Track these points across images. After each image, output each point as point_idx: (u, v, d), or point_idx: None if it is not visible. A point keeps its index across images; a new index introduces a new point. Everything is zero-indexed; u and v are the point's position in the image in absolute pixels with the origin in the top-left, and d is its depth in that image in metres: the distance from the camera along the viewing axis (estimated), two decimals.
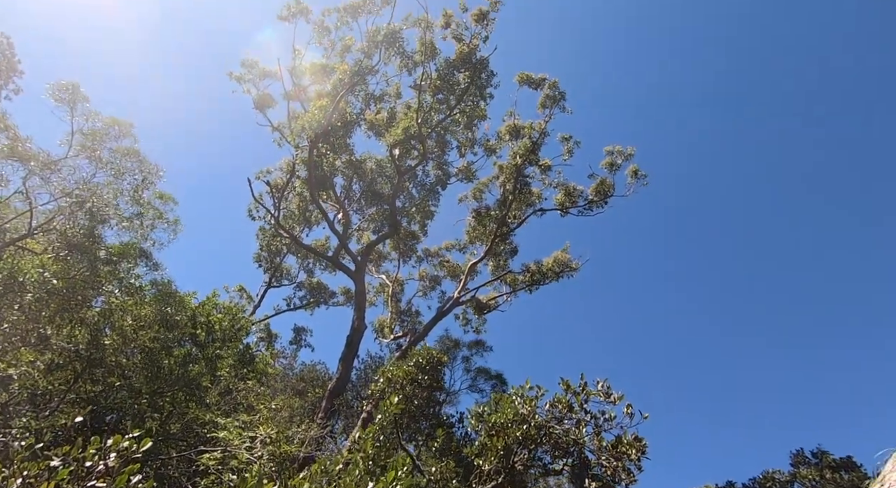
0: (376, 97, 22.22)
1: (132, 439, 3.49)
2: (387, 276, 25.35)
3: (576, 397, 6.95)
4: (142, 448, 3.37)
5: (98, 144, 12.55)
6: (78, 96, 12.45)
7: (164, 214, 13.81)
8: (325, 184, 21.31)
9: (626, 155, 21.10)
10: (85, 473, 2.99)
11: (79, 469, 3.00)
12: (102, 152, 12.60)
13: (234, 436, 9.10)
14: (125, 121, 12.77)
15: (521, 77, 20.99)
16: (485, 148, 23.28)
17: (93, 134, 12.50)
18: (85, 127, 12.82)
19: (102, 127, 12.66)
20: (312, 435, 12.69)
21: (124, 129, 12.80)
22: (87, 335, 11.11)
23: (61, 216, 12.77)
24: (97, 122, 12.98)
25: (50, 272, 11.11)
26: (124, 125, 12.77)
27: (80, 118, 12.76)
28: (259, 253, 24.96)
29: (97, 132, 12.59)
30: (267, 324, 25.39)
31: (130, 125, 12.82)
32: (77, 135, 12.37)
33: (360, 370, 25.71)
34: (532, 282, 23.03)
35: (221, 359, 13.29)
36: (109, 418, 10.75)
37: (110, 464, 3.10)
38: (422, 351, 10.61)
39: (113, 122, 12.71)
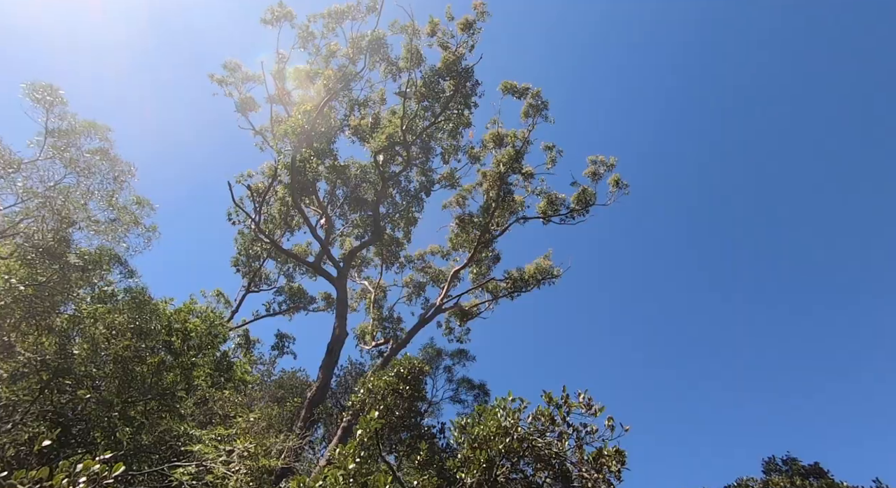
0: (360, 102, 22.13)
1: (104, 463, 3.34)
2: (369, 282, 25.13)
3: (558, 410, 6.96)
4: (114, 473, 3.22)
5: (70, 145, 12.13)
6: (56, 98, 12.04)
7: (141, 220, 13.40)
8: (308, 189, 21.07)
9: (609, 165, 21.43)
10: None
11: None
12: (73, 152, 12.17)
13: (210, 450, 8.84)
14: (102, 124, 12.39)
15: (505, 86, 21.18)
16: (469, 155, 23.38)
17: (65, 134, 12.07)
18: (59, 127, 12.39)
19: (78, 129, 12.25)
20: (291, 446, 12.43)
21: (100, 133, 12.40)
22: (55, 343, 10.68)
23: (28, 219, 12.29)
24: (73, 125, 12.55)
25: (16, 278, 10.67)
26: (100, 129, 12.38)
27: (55, 120, 12.32)
28: (237, 257, 24.45)
29: (69, 132, 12.17)
30: (245, 329, 24.86)
31: (107, 129, 12.45)
32: (49, 136, 11.94)
33: (341, 377, 25.39)
34: (514, 289, 23.12)
35: (197, 368, 12.94)
36: (77, 430, 10.34)
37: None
38: (403, 360, 10.50)
39: (89, 126, 12.31)
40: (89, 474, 3.17)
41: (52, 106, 11.77)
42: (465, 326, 23.80)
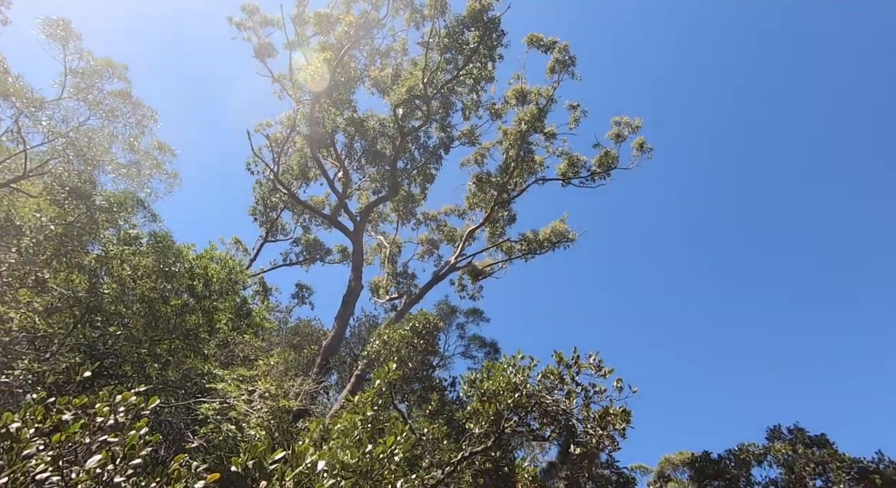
0: (382, 52, 21.42)
1: (140, 395, 3.55)
2: (384, 238, 25.34)
3: (568, 370, 7.13)
4: (150, 405, 3.43)
5: (91, 85, 12.07)
6: (70, 33, 11.86)
7: (163, 165, 13.52)
8: (326, 142, 20.88)
9: (634, 127, 20.71)
10: (96, 427, 3.06)
11: (90, 423, 3.06)
12: (95, 94, 12.15)
13: (233, 389, 9.34)
14: (119, 63, 12.24)
15: (531, 38, 20.23)
16: (490, 111, 22.73)
17: (85, 74, 11.99)
18: (77, 66, 12.30)
19: (96, 67, 12.15)
20: (307, 390, 13.06)
21: (118, 72, 12.29)
22: (85, 281, 11.13)
23: (55, 159, 12.49)
24: (90, 62, 12.44)
25: (47, 216, 10.99)
26: (118, 67, 12.25)
27: (72, 57, 12.22)
28: (255, 206, 24.70)
29: (90, 72, 12.08)
30: (262, 277, 25.54)
31: (124, 67, 12.30)
32: (69, 75, 11.88)
33: (355, 328, 26.17)
34: (528, 250, 23.13)
35: (219, 312, 13.43)
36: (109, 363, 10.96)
37: (120, 420, 3.17)
38: (419, 315, 10.76)
39: (107, 64, 12.18)
40: (127, 405, 3.38)
41: (66, 42, 11.62)
42: (477, 284, 24.09)
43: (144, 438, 3.38)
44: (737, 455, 15.69)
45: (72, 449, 3.07)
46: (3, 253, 10.34)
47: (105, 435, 3.02)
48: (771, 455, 15.07)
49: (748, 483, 15.41)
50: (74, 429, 2.90)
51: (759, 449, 15.28)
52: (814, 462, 13.97)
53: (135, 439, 2.94)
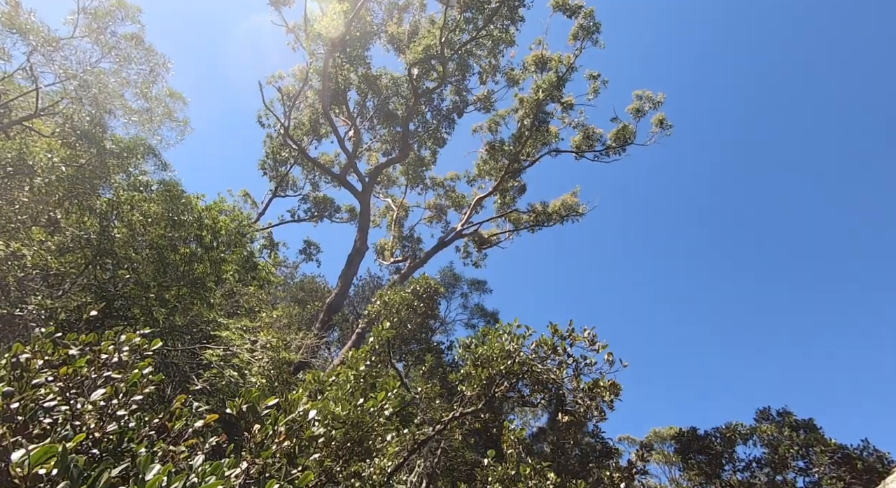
0: (400, 6, 20.69)
1: (144, 337, 3.70)
2: (392, 200, 25.31)
3: (562, 341, 7.27)
4: (153, 347, 3.58)
5: (104, 26, 11.86)
6: None
7: (174, 113, 13.42)
8: (339, 98, 20.52)
9: (656, 102, 20.12)
10: (101, 363, 3.21)
11: (95, 359, 3.21)
12: (108, 36, 11.95)
13: (237, 338, 9.67)
14: (132, 5, 11.95)
15: (556, 2, 19.37)
16: (507, 77, 22.12)
17: (98, 14, 11.76)
18: (90, 6, 12.04)
19: (109, 8, 11.89)
20: (309, 344, 13.45)
21: (131, 14, 12.03)
22: (96, 224, 11.34)
23: (67, 100, 12.44)
24: (103, 2, 12.17)
25: (58, 157, 11.08)
26: (131, 9, 11.99)
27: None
28: (265, 160, 24.64)
29: (102, 13, 11.84)
30: (270, 232, 25.80)
31: (138, 10, 12.03)
32: (82, 14, 11.66)
33: (359, 287, 26.60)
34: (536, 222, 23.07)
35: (226, 263, 13.69)
36: (118, 305, 11.33)
37: (124, 359, 3.32)
38: (420, 279, 10.90)
39: (120, 4, 11.92)
40: (131, 345, 3.53)
41: None
42: (482, 253, 24.20)
43: (148, 377, 3.56)
44: (724, 433, 16.11)
45: (78, 383, 3.24)
46: (16, 191, 10.51)
47: (109, 372, 3.18)
48: (757, 435, 15.47)
49: (731, 459, 15.91)
50: (80, 364, 3.05)
51: (746, 429, 15.67)
52: (798, 444, 14.35)
53: (137, 376, 3.10)
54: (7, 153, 9.95)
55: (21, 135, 11.76)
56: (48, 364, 3.27)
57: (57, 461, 1.88)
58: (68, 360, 3.14)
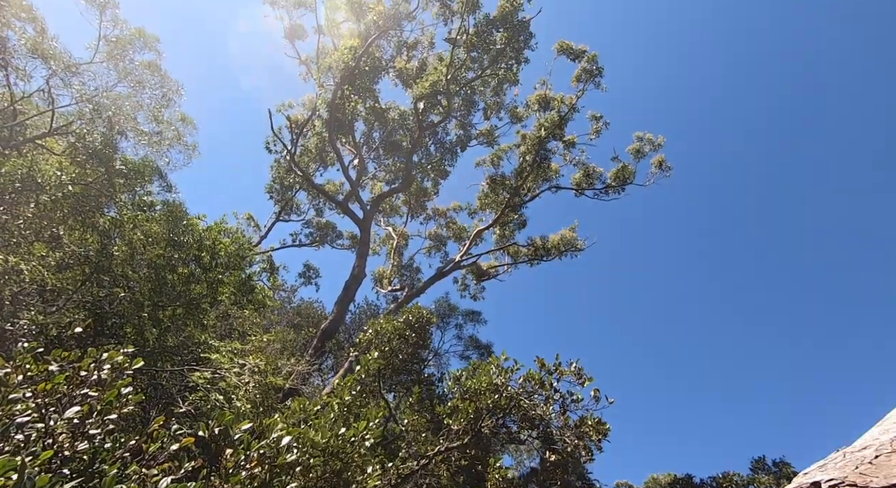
0: (409, 44, 21.52)
1: (126, 355, 3.74)
2: (393, 229, 25.54)
3: (548, 375, 7.22)
4: (134, 366, 3.61)
5: (122, 54, 12.41)
6: (109, 1, 12.21)
7: (183, 136, 13.83)
8: (345, 128, 21.08)
9: (656, 144, 20.57)
10: (80, 381, 3.25)
11: (74, 376, 3.25)
12: (126, 63, 12.48)
13: (226, 360, 9.61)
14: (151, 34, 12.56)
15: (561, 46, 20.14)
16: (511, 114, 22.75)
17: (118, 42, 12.33)
18: (111, 34, 12.64)
19: (129, 37, 12.48)
20: (300, 370, 13.31)
21: (149, 43, 12.62)
22: (97, 241, 11.49)
23: (81, 120, 12.85)
24: (124, 31, 12.78)
25: (67, 175, 11.35)
26: (150, 38, 12.58)
27: (107, 24, 12.57)
28: (271, 184, 25.05)
29: (122, 41, 12.41)
30: (270, 255, 25.95)
31: (156, 39, 12.62)
32: (103, 41, 12.22)
33: (356, 315, 26.49)
34: (535, 256, 23.15)
35: (223, 285, 13.75)
36: (111, 323, 11.33)
37: (103, 377, 3.36)
38: (413, 308, 10.90)
39: (139, 34, 12.51)
40: (112, 363, 3.57)
41: (104, 8, 11.97)
42: (480, 285, 24.18)
43: (127, 397, 3.58)
44: (720, 482, 15.61)
45: (56, 400, 3.26)
46: (22, 206, 10.72)
47: (87, 390, 3.21)
48: (754, 486, 14.97)
49: None
50: (58, 380, 3.09)
51: (742, 480, 15.19)
52: None
53: (112, 395, 3.13)
54: (17, 170, 10.22)
55: (33, 153, 12.09)
56: (28, 379, 3.31)
57: (17, 477, 1.91)
58: (48, 376, 3.18)
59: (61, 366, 3.29)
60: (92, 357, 3.40)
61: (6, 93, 11.61)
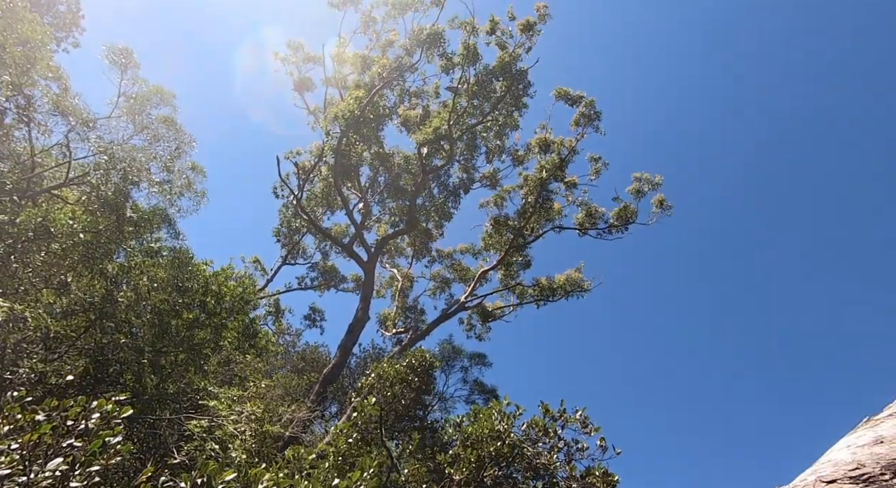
0: (412, 93, 22.47)
1: (116, 403, 3.73)
2: (398, 271, 25.63)
3: (553, 422, 7.01)
4: (123, 414, 3.60)
5: (140, 109, 13.10)
6: (130, 61, 13.05)
7: (194, 184, 14.32)
8: (351, 173, 21.68)
9: (654, 183, 20.83)
10: (66, 431, 3.24)
11: (61, 425, 3.24)
12: (143, 117, 13.16)
13: (224, 408, 9.45)
14: (168, 91, 13.34)
15: (559, 92, 20.90)
16: (513, 157, 23.30)
17: (137, 99, 13.06)
18: (131, 91, 13.41)
19: (147, 93, 13.23)
20: (300, 417, 13.02)
21: (166, 98, 13.35)
22: (104, 288, 11.65)
23: (97, 172, 13.37)
24: (143, 88, 13.55)
25: (79, 223, 11.69)
26: (167, 95, 13.33)
27: (127, 82, 13.36)
28: (279, 228, 25.48)
29: (140, 97, 13.15)
30: (277, 299, 26.00)
31: (172, 95, 13.38)
32: (122, 98, 12.95)
33: (360, 358, 26.11)
34: (541, 296, 22.98)
35: (226, 330, 13.73)
36: (112, 370, 11.28)
37: (91, 426, 3.34)
38: (416, 352, 10.78)
39: (157, 91, 13.28)
40: (102, 412, 3.56)
41: (126, 68, 12.76)
42: (486, 326, 23.89)
43: (115, 447, 3.54)
44: None
45: (42, 451, 3.24)
46: (33, 254, 10.99)
47: (72, 440, 3.19)
48: None
49: None
50: (44, 430, 3.08)
51: None
52: None
53: (96, 446, 3.10)
54: (31, 220, 10.56)
55: (48, 202, 12.53)
56: (17, 430, 3.30)
57: None
58: (34, 426, 3.18)
59: (48, 416, 3.29)
60: (80, 405, 3.40)
61: (27, 146, 12.19)
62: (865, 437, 1.53)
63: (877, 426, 1.59)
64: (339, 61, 21.62)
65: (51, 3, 18.91)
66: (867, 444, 1.47)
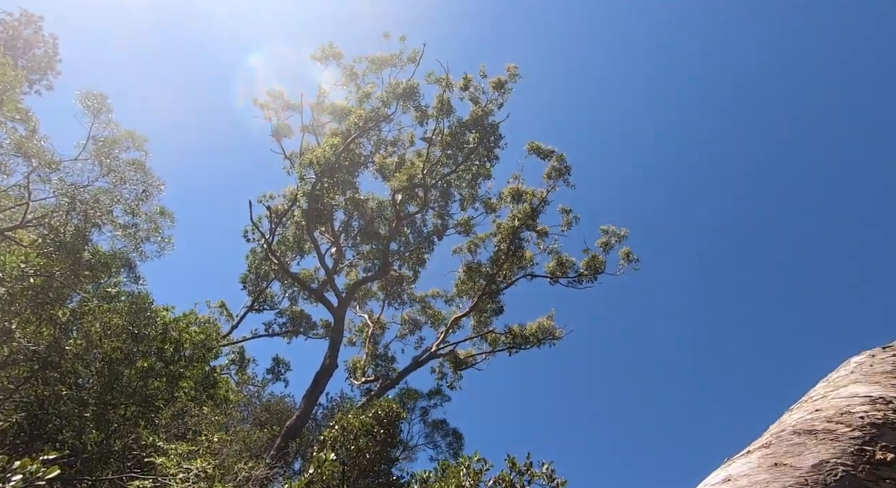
0: (388, 141, 23.10)
1: (42, 463, 3.45)
2: (369, 316, 25.16)
3: (519, 477, 6.77)
4: (48, 475, 3.32)
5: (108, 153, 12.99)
6: (104, 106, 13.06)
7: (161, 229, 14.02)
8: (324, 218, 21.69)
9: (620, 236, 21.56)
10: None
11: None
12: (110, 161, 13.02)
13: (172, 465, 8.77)
14: (140, 135, 13.31)
15: (531, 146, 21.82)
16: (485, 205, 23.84)
17: (106, 142, 12.97)
18: (102, 134, 13.34)
19: (118, 137, 13.17)
20: (258, 475, 12.17)
21: (137, 142, 13.30)
22: (51, 335, 10.97)
23: (57, 213, 12.98)
24: (115, 131, 13.51)
25: (30, 268, 11.16)
26: (139, 139, 13.30)
27: (99, 125, 13.32)
28: (247, 274, 24.88)
29: (110, 141, 13.07)
30: (242, 347, 24.91)
31: (145, 140, 13.36)
32: (91, 141, 12.84)
33: (327, 409, 24.93)
34: (513, 344, 22.81)
35: (183, 379, 12.98)
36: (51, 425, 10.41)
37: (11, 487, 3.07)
38: (382, 403, 10.41)
39: (129, 135, 13.24)
40: (24, 473, 3.28)
41: (98, 112, 12.75)
42: (458, 374, 23.40)
43: None
44: None
45: None
46: None
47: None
48: None
49: None
50: None
51: None
52: None
53: None
54: None
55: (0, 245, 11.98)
56: None
57: None
58: None
59: None
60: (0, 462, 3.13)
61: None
62: (718, 477, 1.61)
63: (728, 466, 1.67)
64: (317, 110, 22.20)
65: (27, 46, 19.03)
66: (718, 484, 1.54)
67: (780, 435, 1.60)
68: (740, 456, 1.65)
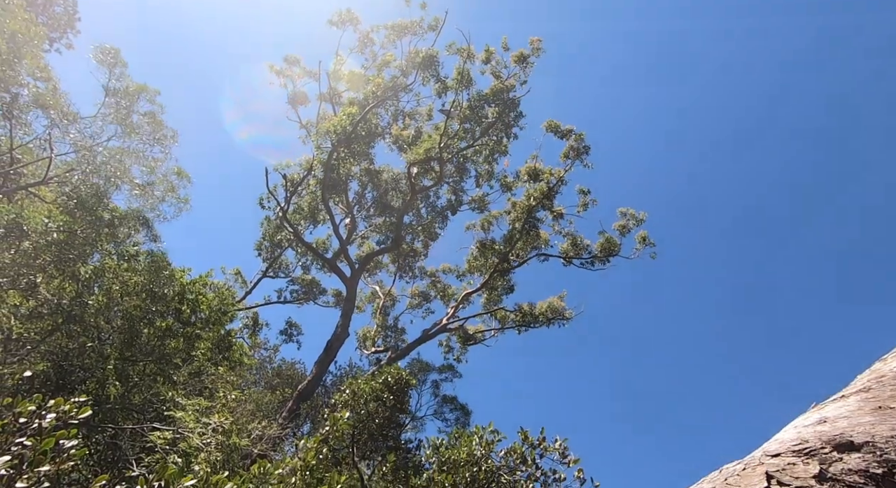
0: (406, 113, 22.77)
1: (73, 403, 3.53)
2: (380, 288, 25.37)
3: (531, 450, 6.86)
4: (80, 415, 3.41)
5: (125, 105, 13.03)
6: (118, 60, 13.00)
7: (177, 189, 14.10)
8: (339, 188, 21.64)
9: (638, 219, 21.23)
10: (17, 429, 3.04)
11: (12, 423, 3.05)
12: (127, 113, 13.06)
13: (191, 419, 9.04)
14: (153, 88, 13.31)
15: (550, 125, 21.35)
16: (501, 183, 23.57)
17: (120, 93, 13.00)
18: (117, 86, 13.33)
19: (132, 90, 13.16)
20: (271, 434, 12.54)
21: (150, 96, 13.31)
22: (74, 290, 11.22)
23: (78, 170, 13.10)
24: (129, 86, 13.48)
25: (54, 223, 11.33)
26: (151, 92, 13.28)
27: (114, 80, 13.28)
28: (261, 241, 25.11)
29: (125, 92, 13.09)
30: (255, 312, 25.38)
31: (156, 92, 13.34)
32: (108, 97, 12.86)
33: (336, 377, 25.48)
34: (523, 322, 22.90)
35: (200, 340, 13.27)
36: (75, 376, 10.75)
37: (45, 425, 3.15)
38: (392, 369, 10.56)
39: (142, 89, 13.22)
40: (58, 412, 3.36)
41: (113, 67, 12.72)
42: (465, 348, 23.65)
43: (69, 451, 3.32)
44: None
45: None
46: (2, 253, 10.58)
47: (24, 438, 2.99)
48: None
49: None
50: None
51: None
52: None
53: (49, 444, 2.91)
54: (4, 216, 10.22)
55: (24, 201, 12.16)
56: None
57: None
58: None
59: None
60: (34, 403, 3.21)
61: (6, 141, 11.91)
62: (811, 419, 1.61)
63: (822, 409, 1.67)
64: (334, 78, 21.86)
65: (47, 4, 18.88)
66: (811, 424, 1.54)
67: (881, 379, 1.55)
68: (833, 399, 1.61)
